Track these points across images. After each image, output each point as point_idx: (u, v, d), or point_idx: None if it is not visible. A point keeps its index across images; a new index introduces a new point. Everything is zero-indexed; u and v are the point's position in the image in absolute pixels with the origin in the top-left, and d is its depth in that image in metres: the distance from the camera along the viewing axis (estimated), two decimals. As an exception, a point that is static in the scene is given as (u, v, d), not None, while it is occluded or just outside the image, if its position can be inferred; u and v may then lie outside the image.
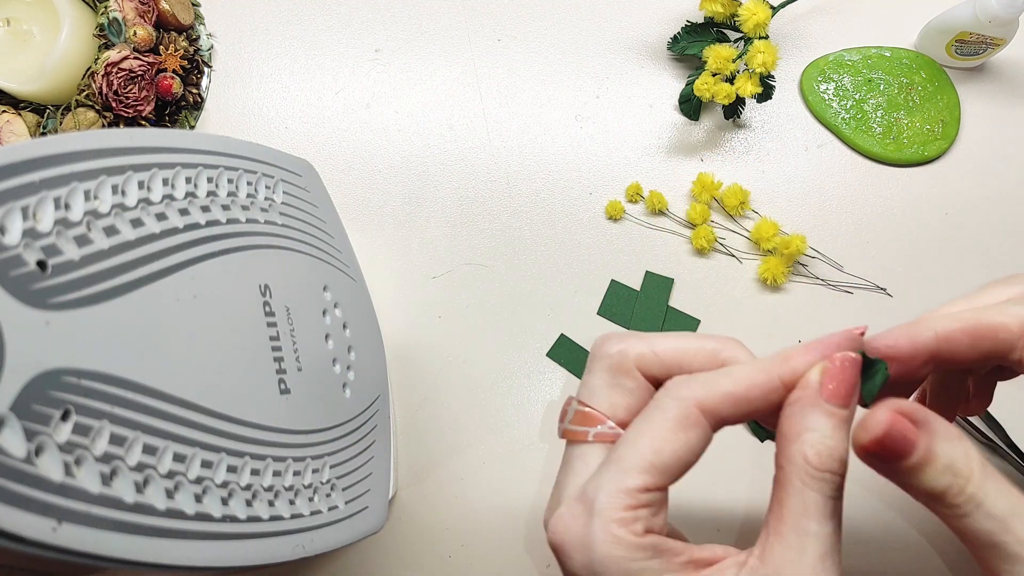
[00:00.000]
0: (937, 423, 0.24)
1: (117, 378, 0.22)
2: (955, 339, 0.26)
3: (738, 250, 0.47)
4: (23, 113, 0.44)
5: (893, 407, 0.24)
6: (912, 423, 0.23)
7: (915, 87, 0.50)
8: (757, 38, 0.45)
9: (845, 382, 0.24)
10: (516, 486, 0.42)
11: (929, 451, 0.23)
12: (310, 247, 0.34)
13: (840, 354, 0.25)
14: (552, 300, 0.46)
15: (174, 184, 0.27)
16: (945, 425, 0.24)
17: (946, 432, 0.24)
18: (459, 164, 0.49)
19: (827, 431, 0.24)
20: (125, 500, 0.21)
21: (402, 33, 0.52)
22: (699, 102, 0.49)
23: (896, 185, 0.49)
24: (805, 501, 0.23)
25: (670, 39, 0.50)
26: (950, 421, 0.27)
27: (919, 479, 0.24)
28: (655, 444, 0.24)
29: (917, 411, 0.24)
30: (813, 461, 0.23)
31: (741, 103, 0.49)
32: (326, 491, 0.30)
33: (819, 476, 0.23)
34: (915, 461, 0.23)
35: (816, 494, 0.23)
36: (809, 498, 0.23)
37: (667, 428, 0.25)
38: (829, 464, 0.23)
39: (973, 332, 0.26)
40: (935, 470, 0.23)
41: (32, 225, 0.21)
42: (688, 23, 0.49)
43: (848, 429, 0.24)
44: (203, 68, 0.49)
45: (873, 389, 0.26)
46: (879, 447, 0.23)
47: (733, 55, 0.45)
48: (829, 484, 0.23)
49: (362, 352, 0.36)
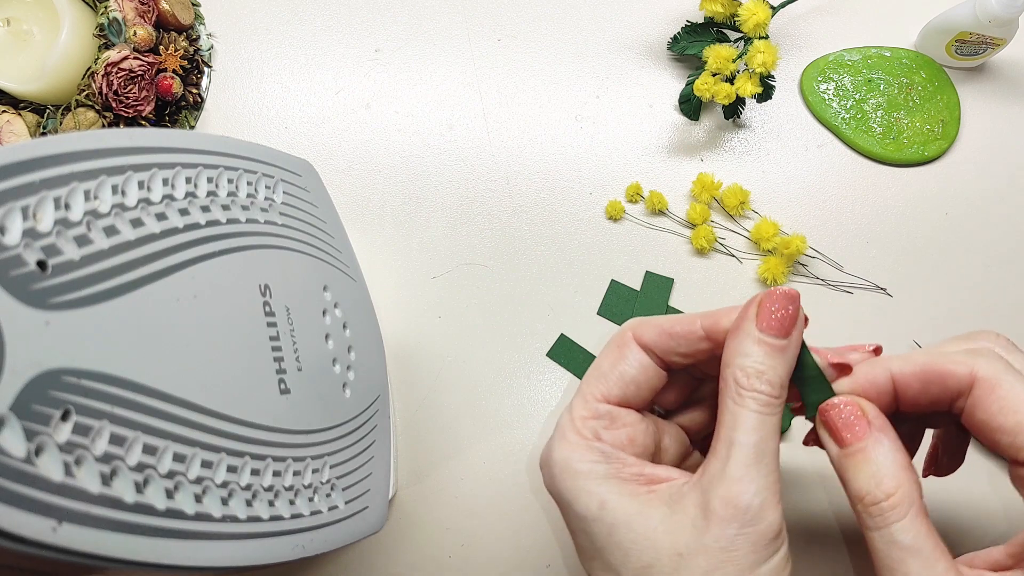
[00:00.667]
0: (887, 437, 0.26)
1: (117, 378, 0.22)
2: (907, 382, 0.27)
3: (738, 250, 0.47)
4: (23, 113, 0.44)
5: (860, 400, 0.27)
6: (867, 423, 0.26)
7: (915, 87, 0.50)
8: (757, 38, 0.45)
9: (780, 313, 0.26)
10: (516, 486, 0.42)
11: (866, 451, 0.26)
12: (310, 247, 0.34)
13: (779, 288, 0.27)
14: (552, 300, 0.46)
15: (174, 184, 0.27)
16: (894, 445, 0.26)
17: (888, 448, 0.26)
18: (459, 164, 0.49)
19: (758, 356, 0.26)
20: (125, 500, 0.21)
21: (402, 33, 0.52)
22: (699, 102, 0.49)
23: (896, 185, 0.49)
24: (735, 416, 0.26)
25: (670, 39, 0.50)
26: (953, 470, 0.31)
27: (850, 472, 0.26)
28: (601, 365, 0.29)
29: (878, 417, 0.27)
30: (741, 382, 0.26)
31: (741, 103, 0.49)
32: (326, 491, 0.30)
33: (746, 395, 0.26)
34: (851, 452, 0.26)
35: (743, 410, 0.25)
36: (737, 414, 0.25)
37: (610, 352, 0.29)
38: (756, 384, 0.26)
39: (923, 376, 0.27)
40: (864, 472, 0.26)
41: (32, 225, 0.21)
42: (688, 23, 0.49)
43: (781, 358, 0.26)
44: (203, 68, 0.49)
45: (816, 401, 0.28)
46: (826, 419, 0.27)
47: (733, 55, 0.45)
48: (756, 401, 0.25)
49: (362, 352, 0.36)
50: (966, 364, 0.26)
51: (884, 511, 0.25)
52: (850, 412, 0.27)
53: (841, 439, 0.27)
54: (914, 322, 0.46)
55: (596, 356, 0.30)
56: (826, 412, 0.27)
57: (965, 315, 0.46)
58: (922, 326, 0.45)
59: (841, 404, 0.27)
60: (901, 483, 0.25)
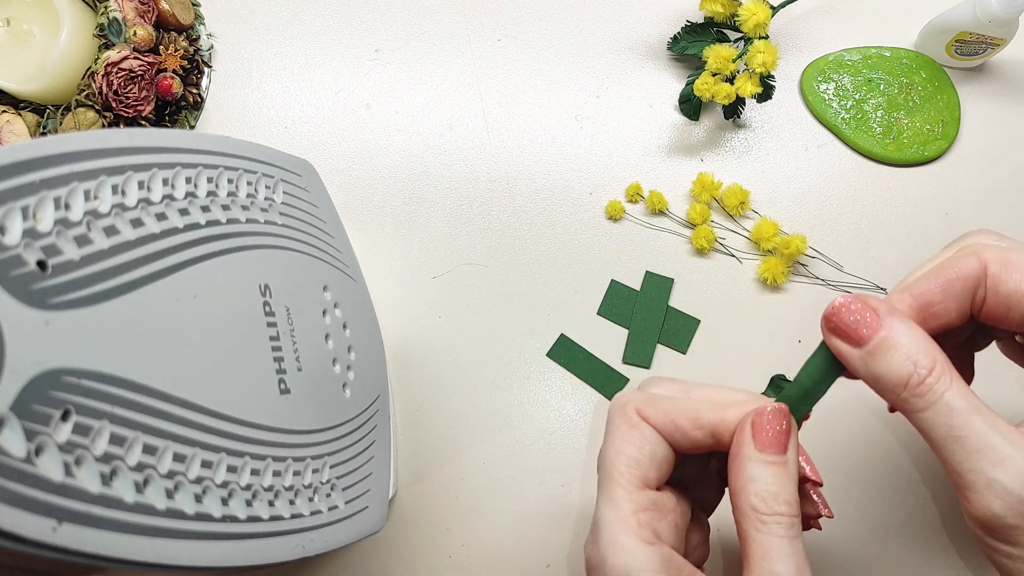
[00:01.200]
0: (903, 318, 0.25)
1: (117, 378, 0.22)
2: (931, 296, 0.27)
3: (738, 250, 0.47)
4: (23, 113, 0.44)
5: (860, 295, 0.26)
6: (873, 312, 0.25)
7: (915, 87, 0.50)
8: (757, 38, 0.45)
9: (774, 430, 0.26)
10: (516, 486, 0.42)
11: (889, 338, 0.25)
12: (310, 247, 0.34)
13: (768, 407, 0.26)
14: (552, 300, 0.46)
15: (174, 184, 0.27)
16: (912, 324, 0.25)
17: (910, 327, 0.25)
18: (459, 164, 0.49)
19: (767, 478, 0.25)
20: (125, 500, 0.21)
21: (402, 33, 0.52)
22: (699, 102, 0.49)
23: (896, 185, 0.49)
24: (764, 546, 0.25)
25: (670, 39, 0.50)
26: None
27: (879, 366, 0.25)
28: (626, 448, 0.27)
29: (880, 305, 0.26)
30: (760, 508, 0.25)
31: (741, 103, 0.49)
32: (326, 491, 0.30)
33: (769, 520, 0.25)
34: (875, 344, 0.25)
35: (771, 537, 0.25)
36: (766, 542, 0.25)
37: (627, 433, 0.27)
38: (775, 507, 0.25)
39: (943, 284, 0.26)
40: (897, 357, 0.24)
41: (32, 225, 0.21)
42: (688, 23, 0.49)
43: (787, 471, 0.26)
44: (203, 68, 0.49)
45: (801, 410, 0.28)
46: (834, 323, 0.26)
47: (733, 55, 0.45)
48: (781, 525, 0.25)
49: (362, 352, 0.36)
50: (972, 253, 0.26)
51: (932, 385, 0.24)
52: (856, 309, 0.25)
53: (859, 337, 0.25)
54: (914, 322, 0.46)
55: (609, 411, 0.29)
56: (832, 318, 0.26)
57: (965, 315, 0.46)
58: (922, 326, 0.45)
59: (844, 303, 0.26)
60: (935, 354, 0.24)
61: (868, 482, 0.42)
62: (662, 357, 0.45)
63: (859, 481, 0.42)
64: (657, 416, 0.27)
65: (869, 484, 0.42)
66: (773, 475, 0.25)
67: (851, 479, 0.42)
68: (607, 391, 0.44)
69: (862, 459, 0.43)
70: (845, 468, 0.42)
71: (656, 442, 0.27)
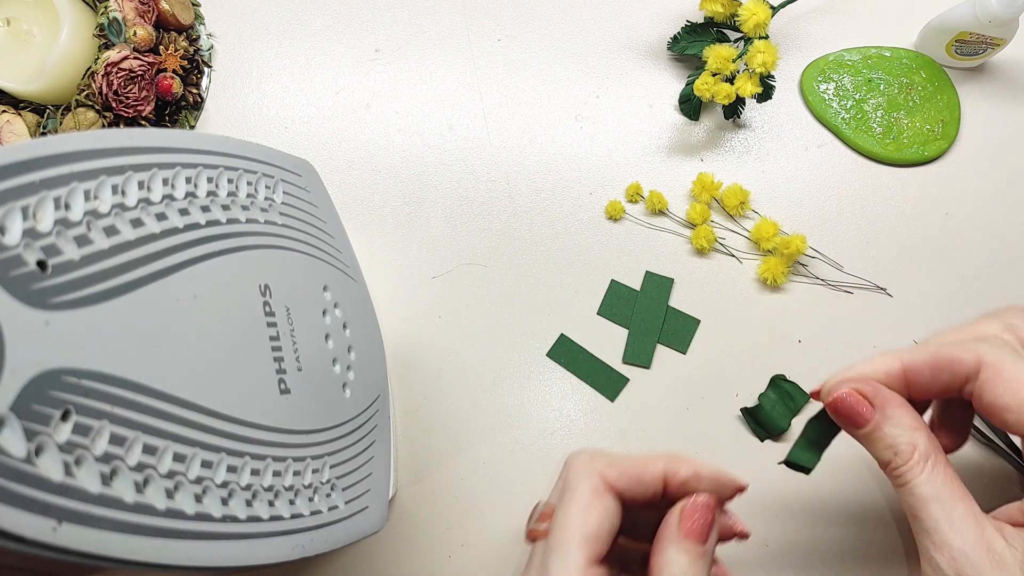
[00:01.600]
0: (893, 409, 0.30)
1: (117, 378, 0.22)
2: (918, 370, 0.30)
3: (738, 250, 0.47)
4: (23, 113, 0.44)
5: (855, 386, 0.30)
6: (869, 403, 0.30)
7: (915, 87, 0.50)
8: (757, 38, 0.45)
9: (699, 522, 0.28)
10: (516, 486, 0.42)
11: (878, 428, 0.30)
12: (310, 247, 0.34)
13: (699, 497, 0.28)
14: (552, 300, 0.46)
15: (174, 184, 0.27)
16: (900, 412, 0.30)
17: (897, 418, 0.30)
18: (459, 164, 0.49)
19: (684, 565, 0.27)
20: (125, 500, 0.21)
21: (402, 33, 0.52)
22: (699, 102, 0.49)
23: (896, 185, 0.49)
24: None
25: (670, 39, 0.50)
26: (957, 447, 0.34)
27: (871, 447, 0.30)
28: (581, 518, 0.27)
29: (877, 394, 0.30)
30: None
31: (741, 103, 0.49)
32: (326, 491, 0.30)
33: None
34: (866, 432, 0.30)
35: None
36: None
37: (585, 502, 0.28)
38: None
39: (933, 364, 0.30)
40: (881, 444, 0.30)
41: (32, 225, 0.21)
42: (688, 23, 0.49)
43: (703, 563, 0.28)
44: (203, 68, 0.49)
45: None
46: (833, 410, 0.31)
47: (733, 55, 0.45)
48: None
49: (362, 352, 0.36)
50: (973, 351, 0.29)
51: (904, 472, 0.29)
52: (853, 401, 0.30)
53: (855, 424, 0.30)
54: (914, 322, 0.46)
55: None
56: (834, 406, 0.31)
57: (965, 315, 0.46)
58: (922, 326, 0.45)
59: (843, 395, 0.30)
60: (917, 445, 0.29)
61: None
62: (662, 357, 0.45)
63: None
64: (620, 477, 0.28)
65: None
66: (690, 563, 0.27)
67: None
68: (607, 391, 0.44)
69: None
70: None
71: (615, 515, 0.28)
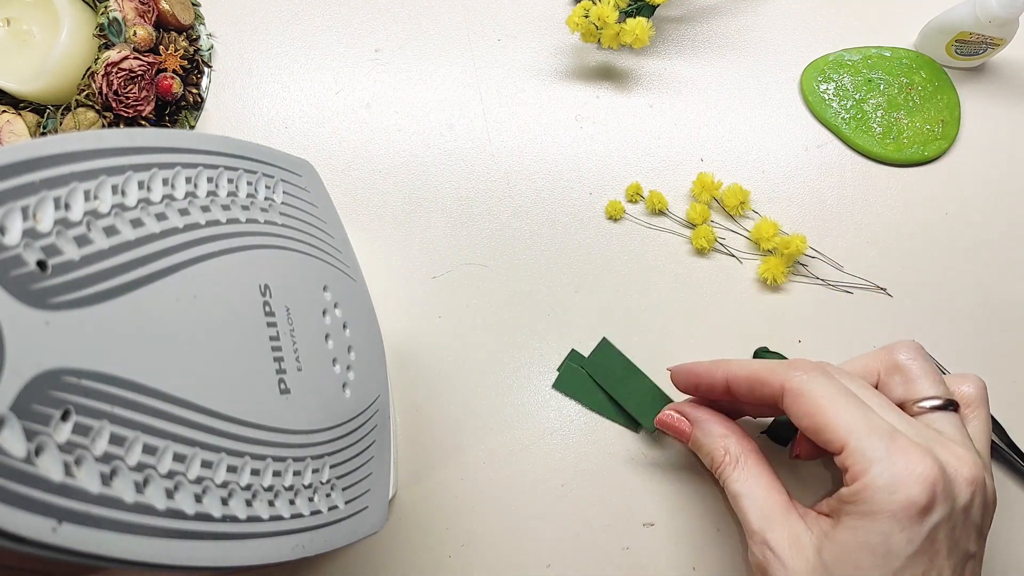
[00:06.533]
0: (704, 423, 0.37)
1: (117, 378, 0.22)
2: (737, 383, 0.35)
3: (738, 250, 0.47)
4: (23, 113, 0.44)
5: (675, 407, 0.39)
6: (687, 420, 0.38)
7: (915, 87, 0.50)
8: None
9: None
10: (516, 486, 0.42)
11: (695, 439, 0.37)
12: (310, 247, 0.34)
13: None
14: (552, 300, 0.46)
15: (174, 184, 0.27)
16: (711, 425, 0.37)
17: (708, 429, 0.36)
18: (459, 164, 0.49)
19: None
20: (125, 500, 0.21)
21: (402, 33, 0.52)
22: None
23: (896, 185, 0.49)
24: None
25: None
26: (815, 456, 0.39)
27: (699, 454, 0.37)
28: None
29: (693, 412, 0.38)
30: None
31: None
32: (326, 491, 0.30)
33: None
34: (692, 444, 0.38)
35: None
36: None
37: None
38: None
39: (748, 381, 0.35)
40: (702, 451, 0.37)
41: (32, 225, 0.21)
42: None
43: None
44: (203, 68, 0.49)
45: None
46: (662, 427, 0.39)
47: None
48: None
49: (362, 352, 0.36)
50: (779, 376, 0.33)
51: (720, 473, 0.35)
52: (673, 421, 0.38)
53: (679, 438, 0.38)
54: (914, 322, 0.46)
55: None
56: (662, 424, 0.39)
57: (965, 315, 0.46)
58: (922, 326, 0.45)
59: (665, 417, 0.38)
60: (728, 449, 0.35)
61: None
62: (662, 358, 0.44)
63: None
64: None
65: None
66: None
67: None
68: (640, 415, 0.42)
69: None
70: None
71: None
